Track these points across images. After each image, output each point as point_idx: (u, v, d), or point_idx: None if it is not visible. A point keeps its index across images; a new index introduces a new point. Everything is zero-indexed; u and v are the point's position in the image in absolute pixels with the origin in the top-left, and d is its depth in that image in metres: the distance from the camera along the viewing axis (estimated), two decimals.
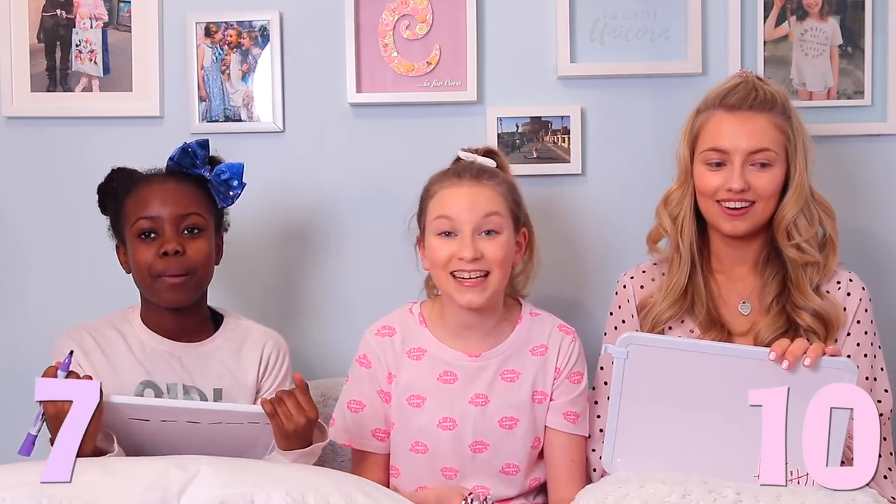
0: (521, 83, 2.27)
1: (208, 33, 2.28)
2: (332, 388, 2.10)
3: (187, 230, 1.88)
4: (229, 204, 1.96)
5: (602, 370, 1.96)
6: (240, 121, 2.29)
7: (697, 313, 1.89)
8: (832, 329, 1.85)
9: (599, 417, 1.91)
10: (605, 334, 1.98)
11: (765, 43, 2.23)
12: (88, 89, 2.30)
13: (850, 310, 1.87)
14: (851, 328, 1.87)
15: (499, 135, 2.25)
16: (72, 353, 1.70)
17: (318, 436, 1.75)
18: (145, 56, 2.28)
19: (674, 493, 1.35)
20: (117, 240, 1.95)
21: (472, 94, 2.25)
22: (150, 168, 1.96)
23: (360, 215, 2.29)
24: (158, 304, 1.90)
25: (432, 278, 1.95)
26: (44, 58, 2.29)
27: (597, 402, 1.94)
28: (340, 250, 2.31)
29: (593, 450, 1.92)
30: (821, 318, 1.84)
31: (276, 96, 2.28)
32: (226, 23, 2.27)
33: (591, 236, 2.28)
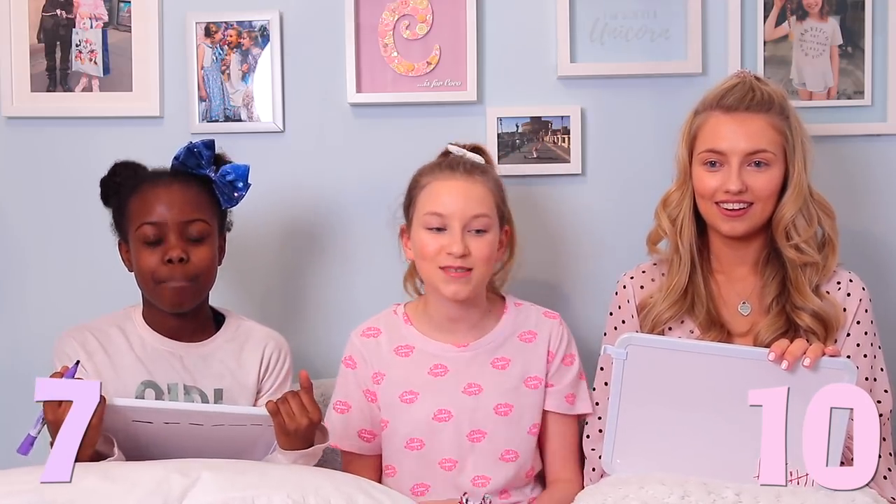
0: (520, 83, 2.27)
1: (208, 33, 2.28)
2: (333, 388, 2.10)
3: (192, 236, 1.87)
4: (233, 205, 1.96)
5: (602, 371, 1.96)
6: (240, 121, 2.29)
7: (697, 314, 1.89)
8: (832, 330, 1.85)
9: (601, 419, 1.91)
10: (605, 334, 1.99)
11: (765, 43, 2.23)
12: (88, 89, 2.30)
13: (849, 310, 1.87)
14: (851, 328, 1.87)
15: (499, 135, 2.25)
16: (78, 362, 1.71)
17: (320, 437, 1.76)
18: (145, 56, 2.28)
19: (673, 495, 1.35)
20: (119, 237, 1.95)
21: (472, 94, 2.25)
22: (154, 167, 1.94)
23: (361, 215, 2.29)
24: (161, 307, 1.90)
25: (417, 269, 1.96)
26: (44, 58, 2.29)
27: (598, 404, 1.95)
28: (340, 250, 2.31)
29: (592, 449, 1.93)
30: (820, 319, 1.84)
31: (276, 96, 2.28)
32: (226, 23, 2.27)
33: (591, 236, 2.28)
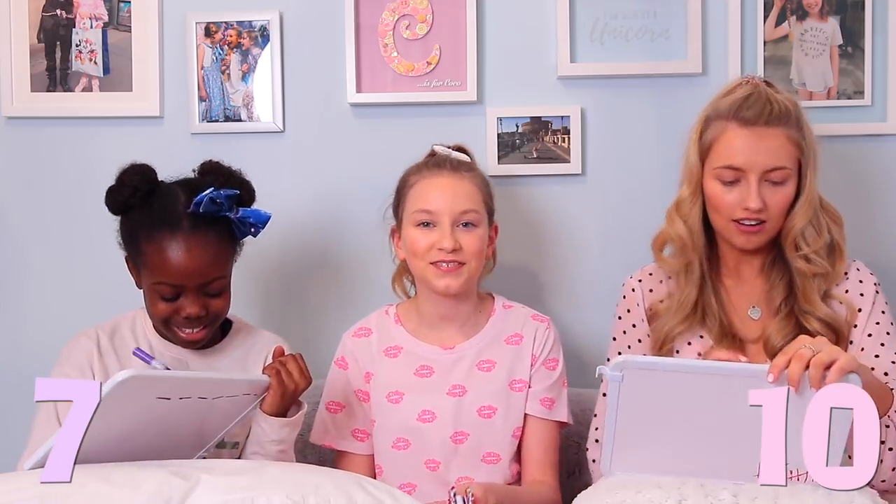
0: (520, 83, 2.27)
1: (208, 33, 2.28)
2: None
3: (210, 293, 1.84)
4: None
5: (602, 382, 1.94)
6: (240, 121, 2.29)
7: (710, 326, 1.85)
8: (842, 335, 1.80)
9: (598, 430, 1.89)
10: (614, 339, 1.95)
11: (765, 43, 2.23)
12: (88, 89, 2.30)
13: (864, 309, 1.83)
14: (868, 325, 1.82)
15: (499, 135, 2.25)
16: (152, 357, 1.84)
17: (294, 410, 1.80)
18: (145, 56, 2.28)
19: (670, 499, 1.35)
20: (127, 255, 1.90)
21: (472, 94, 2.25)
22: (163, 177, 1.88)
23: (360, 215, 2.29)
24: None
25: (409, 268, 1.98)
26: (44, 58, 2.29)
27: (596, 415, 1.93)
28: (341, 250, 2.31)
29: (594, 460, 1.91)
30: (829, 325, 1.80)
31: (276, 96, 2.28)
32: (226, 23, 2.27)
33: (591, 236, 2.28)
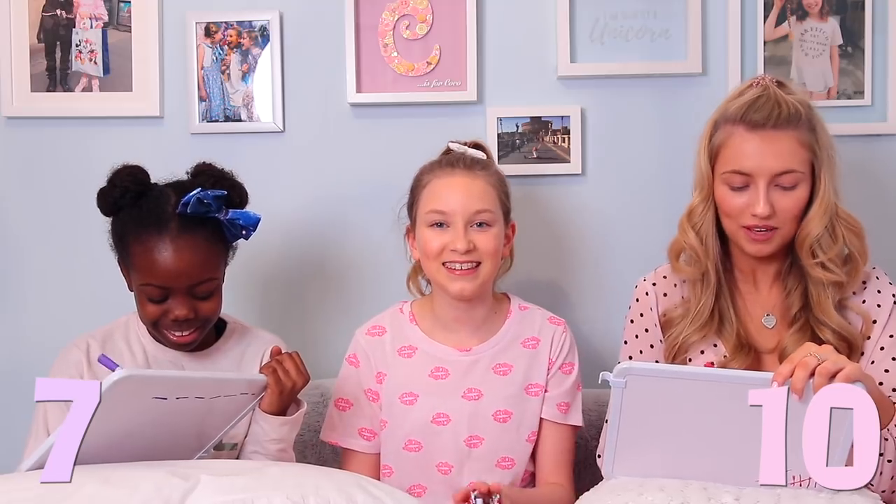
0: (520, 83, 2.27)
1: (208, 33, 2.28)
2: (332, 388, 2.10)
3: (199, 295, 1.83)
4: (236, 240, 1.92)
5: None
6: (240, 121, 2.29)
7: (727, 336, 1.81)
8: (855, 347, 1.77)
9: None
10: (626, 343, 1.91)
11: (765, 43, 2.23)
12: (88, 89, 2.30)
13: (879, 321, 1.79)
14: (881, 338, 1.79)
15: (499, 135, 2.25)
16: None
17: (294, 408, 1.80)
18: (145, 56, 2.28)
19: (673, 501, 1.35)
20: (118, 256, 1.89)
21: (472, 94, 2.25)
22: (157, 178, 1.87)
23: (360, 215, 2.29)
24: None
25: (423, 269, 1.96)
26: (44, 58, 2.29)
27: (607, 421, 1.93)
28: (341, 250, 2.31)
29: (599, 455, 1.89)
30: (842, 337, 1.77)
31: (276, 96, 2.28)
32: (226, 23, 2.27)
33: (591, 236, 2.28)
